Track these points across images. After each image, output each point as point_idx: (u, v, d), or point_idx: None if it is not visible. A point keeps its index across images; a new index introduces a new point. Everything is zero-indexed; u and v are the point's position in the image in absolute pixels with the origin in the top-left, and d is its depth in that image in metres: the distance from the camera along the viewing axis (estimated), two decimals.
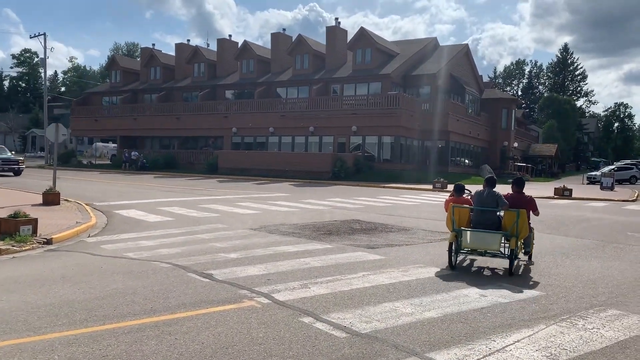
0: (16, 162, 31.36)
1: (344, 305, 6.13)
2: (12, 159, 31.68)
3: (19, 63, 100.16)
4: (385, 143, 36.59)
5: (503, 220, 8.50)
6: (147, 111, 46.94)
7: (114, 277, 7.43)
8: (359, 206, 18.62)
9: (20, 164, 31.51)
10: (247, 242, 10.68)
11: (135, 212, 15.95)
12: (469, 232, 8.40)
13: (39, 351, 4.55)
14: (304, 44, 41.81)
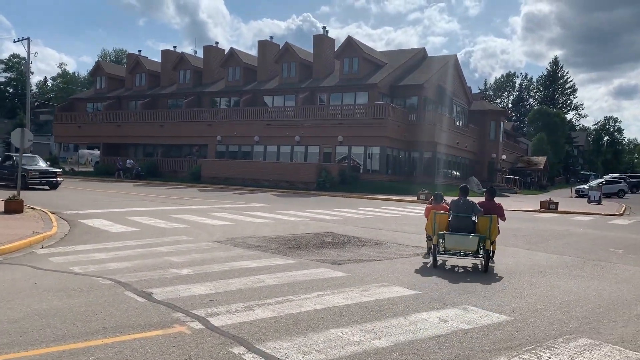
0: (54, 175, 27.45)
1: (285, 331, 5.49)
2: (50, 170, 27.87)
3: (6, 68, 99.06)
4: (371, 153, 36.07)
5: (477, 225, 9.65)
6: (131, 118, 46.22)
7: (43, 296, 6.74)
8: (337, 218, 18.01)
9: (58, 177, 27.57)
10: (207, 256, 10.02)
11: (101, 221, 15.25)
12: (451, 236, 9.52)
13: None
14: (291, 53, 41.35)
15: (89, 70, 56.62)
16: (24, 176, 25.28)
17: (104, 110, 49.23)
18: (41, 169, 27.33)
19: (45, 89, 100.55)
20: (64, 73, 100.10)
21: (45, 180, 26.93)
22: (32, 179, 26.08)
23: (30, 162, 27.89)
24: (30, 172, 26.05)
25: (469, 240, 9.34)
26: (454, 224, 9.74)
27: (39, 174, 26.59)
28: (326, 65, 41.30)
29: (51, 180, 27.20)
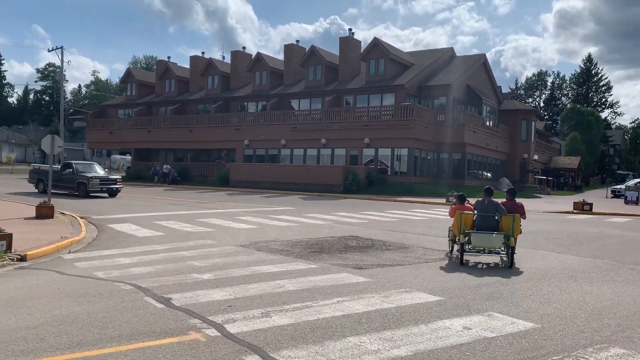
0: (114, 182, 26.59)
1: (302, 339, 5.37)
2: (110, 178, 27.06)
3: (43, 77, 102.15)
4: (399, 155, 35.70)
5: (500, 224, 10.31)
6: (161, 124, 46.91)
7: (63, 302, 6.79)
8: (363, 221, 17.82)
9: (118, 184, 26.68)
10: (229, 260, 9.99)
11: (129, 226, 15.44)
12: (477, 234, 10.14)
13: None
14: (317, 56, 41.33)
15: (121, 78, 57.68)
16: (85, 184, 25.39)
17: (135, 116, 50.11)
18: (101, 176, 26.76)
19: (79, 97, 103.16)
20: (97, 80, 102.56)
21: (105, 187, 26.23)
22: (92, 186, 25.61)
23: (89, 169, 27.55)
24: (91, 180, 25.61)
25: (495, 238, 10.01)
26: (478, 223, 10.40)
27: (99, 181, 25.96)
28: (352, 68, 41.13)
29: (111, 187, 26.43)
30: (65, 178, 26.68)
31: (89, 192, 25.61)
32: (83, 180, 25.80)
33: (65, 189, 26.71)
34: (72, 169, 26.85)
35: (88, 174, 26.24)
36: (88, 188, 25.55)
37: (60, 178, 26.52)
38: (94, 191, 25.87)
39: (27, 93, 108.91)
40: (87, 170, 26.99)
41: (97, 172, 27.49)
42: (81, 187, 25.86)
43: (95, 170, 27.66)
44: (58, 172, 26.36)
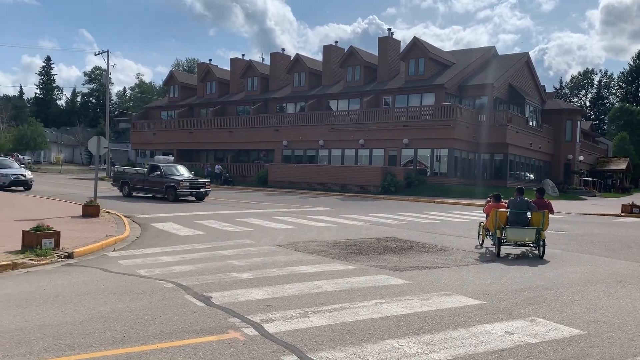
0: (203, 185, 25.21)
1: (339, 340, 5.35)
2: (200, 181, 25.60)
3: (89, 80, 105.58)
4: (438, 156, 35.24)
5: (531, 219, 11.56)
6: (203, 125, 47.77)
7: (108, 298, 6.99)
8: (401, 222, 17.67)
9: (207, 187, 25.36)
10: (267, 260, 10.07)
11: (171, 225, 15.78)
12: (512, 229, 11.39)
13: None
14: (356, 56, 41.25)
15: (164, 80, 59.06)
16: (174, 187, 24.05)
17: (177, 118, 51.21)
18: (191, 179, 25.41)
19: (124, 99, 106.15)
20: (141, 83, 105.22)
21: (195, 191, 24.83)
22: (182, 190, 24.14)
23: (175, 171, 26.07)
24: (181, 184, 24.17)
25: (528, 232, 11.36)
26: (512, 219, 11.59)
27: (189, 184, 24.53)
28: (391, 68, 40.86)
29: (200, 191, 25.07)
30: (152, 181, 25.31)
31: (178, 195, 24.14)
32: (173, 184, 24.29)
33: (151, 192, 25.50)
34: (159, 171, 25.33)
35: (177, 177, 24.91)
36: (178, 192, 24.03)
37: (148, 181, 25.46)
38: (183, 195, 24.39)
39: (74, 96, 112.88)
40: (174, 173, 25.61)
41: (184, 174, 26.16)
42: (170, 190, 24.31)
43: (181, 172, 26.21)
44: (145, 174, 25.70)
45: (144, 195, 25.92)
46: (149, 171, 25.87)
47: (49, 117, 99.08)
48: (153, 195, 25.58)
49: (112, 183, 27.98)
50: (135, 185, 26.06)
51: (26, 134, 61.67)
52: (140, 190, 25.93)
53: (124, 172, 27.78)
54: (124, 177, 26.94)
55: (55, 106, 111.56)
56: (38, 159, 75.48)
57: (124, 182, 26.63)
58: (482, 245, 12.67)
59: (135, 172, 27.10)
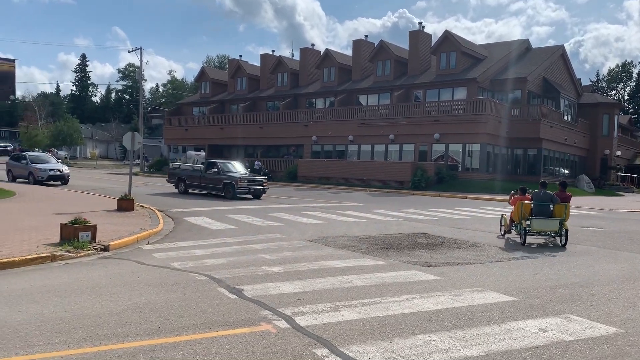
0: (260, 183, 24.30)
1: (370, 335, 5.37)
2: (257, 178, 24.72)
3: (123, 77, 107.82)
4: (470, 151, 34.76)
5: (553, 211, 12.38)
6: (233, 121, 48.24)
7: (143, 290, 7.16)
8: (432, 218, 17.52)
9: (264, 185, 24.42)
10: (298, 254, 10.14)
11: (203, 219, 16.01)
12: (537, 220, 12.23)
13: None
14: (386, 50, 40.97)
15: (195, 76, 59.86)
16: (233, 185, 23.30)
17: (208, 114, 51.81)
18: (249, 176, 24.64)
19: (156, 95, 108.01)
20: (173, 79, 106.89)
21: (253, 189, 23.94)
22: (240, 187, 23.34)
23: (231, 168, 25.00)
24: (240, 181, 23.34)
25: (552, 222, 12.22)
26: (536, 210, 12.39)
27: (247, 182, 23.68)
28: (422, 62, 40.44)
29: (258, 188, 24.12)
30: (209, 178, 24.45)
31: (237, 193, 23.32)
32: (231, 181, 23.50)
33: (208, 190, 24.71)
34: (217, 168, 24.42)
35: (235, 174, 24.09)
36: (236, 189, 23.25)
37: (204, 178, 24.66)
38: (242, 193, 23.52)
39: (109, 92, 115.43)
40: (230, 170, 24.73)
41: (241, 171, 25.29)
42: (228, 188, 23.52)
43: (237, 169, 25.28)
44: (202, 171, 24.97)
45: (200, 192, 25.20)
46: (206, 168, 24.99)
47: (85, 113, 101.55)
48: (208, 193, 24.84)
49: (167, 180, 27.42)
50: (192, 182, 25.20)
51: (63, 130, 63.36)
52: (196, 188, 25.10)
53: (179, 169, 26.95)
54: (180, 174, 26.06)
55: (90, 102, 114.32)
56: (74, 154, 77.56)
57: (179, 179, 25.86)
58: (503, 236, 13.58)
59: (192, 169, 26.23)
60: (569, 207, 12.55)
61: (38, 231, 11.96)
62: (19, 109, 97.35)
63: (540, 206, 12.39)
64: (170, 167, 28.19)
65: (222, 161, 26.05)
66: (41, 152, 41.11)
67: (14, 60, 22.67)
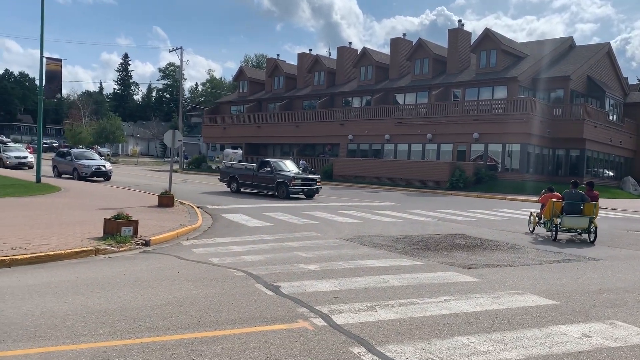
0: (314, 182, 23.81)
1: (408, 335, 5.33)
2: (311, 177, 24.23)
3: (164, 76, 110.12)
4: (510, 151, 34.04)
5: (583, 209, 13.07)
6: (270, 119, 48.64)
7: (183, 284, 7.31)
8: (470, 219, 17.26)
9: (318, 184, 24.01)
10: (334, 253, 10.16)
11: (240, 216, 16.22)
12: (568, 217, 13.02)
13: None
14: (424, 48, 40.54)
15: (233, 76, 60.62)
16: (286, 184, 22.86)
17: (246, 113, 52.40)
18: (303, 175, 24.13)
19: (196, 94, 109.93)
20: (212, 79, 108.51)
21: (306, 188, 23.46)
22: (294, 187, 22.88)
23: (283, 167, 24.56)
24: (293, 180, 22.86)
25: (583, 220, 12.97)
26: (567, 208, 13.15)
27: (301, 181, 23.20)
28: (461, 60, 39.84)
29: (312, 188, 23.70)
30: (262, 177, 24.11)
31: (290, 193, 22.91)
32: (284, 181, 23.08)
33: (260, 189, 24.40)
34: (269, 167, 24.00)
35: (288, 173, 23.63)
36: (290, 189, 22.84)
37: (257, 177, 24.35)
38: (295, 192, 23.13)
39: (150, 91, 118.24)
40: (283, 169, 24.24)
41: (293, 170, 24.81)
42: (282, 187, 23.11)
43: (290, 168, 24.80)
44: (254, 170, 24.72)
45: (253, 191, 25.04)
46: (259, 167, 24.63)
47: (126, 111, 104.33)
48: (260, 192, 24.69)
49: (219, 178, 27.29)
50: (244, 181, 24.97)
51: (106, 127, 65.16)
52: (248, 187, 24.89)
53: (232, 168, 26.75)
54: (233, 173, 25.82)
55: (132, 101, 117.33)
56: (116, 151, 79.75)
57: (232, 178, 25.64)
58: (532, 232, 14.29)
59: (244, 168, 25.95)
60: (597, 205, 13.33)
61: (82, 225, 12.36)
62: (64, 107, 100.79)
63: (571, 204, 13.14)
64: (223, 166, 28.24)
65: (275, 160, 25.71)
66: (85, 149, 42.43)
67: (60, 59, 23.58)
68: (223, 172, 26.86)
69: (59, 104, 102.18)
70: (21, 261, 8.74)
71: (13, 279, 7.56)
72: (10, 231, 11.15)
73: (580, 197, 13.18)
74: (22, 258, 8.80)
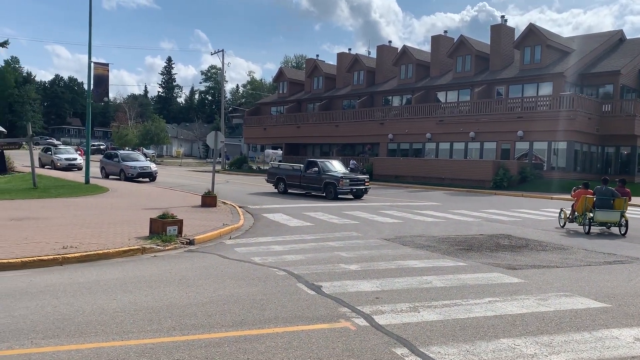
0: (362, 182, 23.59)
1: (451, 336, 5.26)
2: (360, 177, 24.07)
3: (206, 78, 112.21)
4: (556, 149, 33.07)
5: (614, 204, 13.96)
6: (309, 119, 48.85)
7: (227, 283, 7.43)
8: (515, 219, 16.86)
9: (366, 184, 23.74)
10: (375, 253, 10.11)
11: (281, 216, 16.35)
12: (601, 212, 13.90)
13: (112, 358, 4.55)
14: (466, 45, 39.84)
15: (273, 77, 61.18)
16: (334, 185, 22.72)
17: (286, 113, 52.82)
18: (351, 176, 23.91)
19: (236, 96, 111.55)
20: (252, 80, 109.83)
21: (355, 189, 23.24)
22: (342, 187, 22.71)
23: (331, 167, 24.21)
24: (342, 180, 22.67)
25: (614, 214, 13.87)
26: (599, 203, 14.06)
27: (349, 182, 22.99)
28: (504, 56, 38.96)
29: (360, 188, 23.45)
30: (309, 177, 23.95)
31: (338, 193, 22.75)
32: (332, 181, 22.84)
33: (308, 190, 24.23)
34: (317, 167, 23.79)
35: (336, 174, 23.36)
36: (338, 189, 22.65)
37: (304, 177, 24.20)
38: (343, 192, 22.93)
39: (192, 93, 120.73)
40: (330, 169, 23.92)
41: (341, 170, 24.58)
42: (330, 188, 22.88)
43: (337, 168, 24.52)
44: (301, 171, 24.57)
45: (300, 192, 24.87)
46: (306, 167, 24.44)
47: (170, 113, 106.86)
48: (307, 193, 24.52)
49: (266, 179, 27.21)
50: (291, 182, 24.85)
51: (151, 129, 66.85)
52: (296, 187, 24.75)
53: (279, 169, 26.63)
54: (280, 174, 25.73)
55: (175, 103, 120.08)
56: (160, 152, 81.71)
57: (279, 179, 25.53)
58: (563, 227, 15.00)
59: (291, 169, 25.84)
60: (627, 201, 14.39)
61: (129, 225, 12.73)
62: (111, 110, 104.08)
63: (602, 200, 14.08)
64: (270, 167, 28.33)
65: (322, 160, 25.45)
66: (131, 151, 43.68)
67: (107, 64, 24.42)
68: (270, 173, 26.84)
69: (106, 107, 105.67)
70: (72, 259, 9.08)
71: (65, 276, 7.86)
72: (62, 230, 11.60)
73: (610, 193, 14.16)
74: (73, 256, 9.14)
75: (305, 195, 24.35)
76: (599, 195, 14.22)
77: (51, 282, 7.45)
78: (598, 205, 14.04)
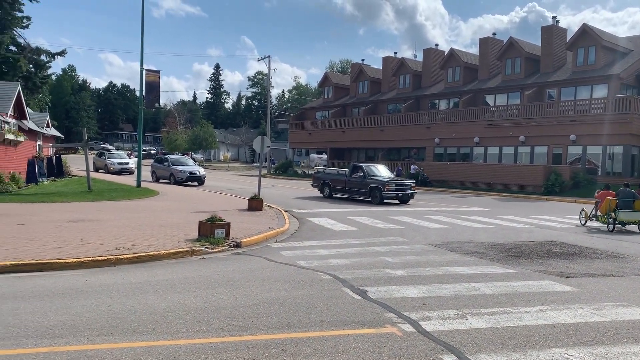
0: (409, 187, 23.45)
1: (501, 345, 5.13)
2: (405, 182, 23.95)
3: (252, 84, 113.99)
4: (611, 154, 31.78)
5: (634, 205, 15.30)
6: (354, 124, 48.77)
7: (273, 286, 7.51)
8: (567, 226, 16.32)
9: (412, 189, 23.60)
10: (421, 259, 9.99)
11: (326, 220, 16.40)
12: (625, 212, 15.23)
13: (162, 357, 4.67)
14: (516, 47, 38.88)
15: (318, 82, 61.59)
16: (380, 189, 22.56)
17: (331, 118, 52.96)
18: (396, 180, 23.74)
19: (282, 101, 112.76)
20: (298, 85, 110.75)
21: (400, 193, 22.99)
22: (388, 192, 22.52)
23: (376, 172, 24.19)
24: (387, 185, 22.53)
25: (636, 214, 15.32)
26: (621, 204, 15.29)
27: (395, 186, 22.84)
28: (556, 58, 37.79)
29: (406, 193, 23.18)
30: (354, 182, 23.84)
31: (383, 197, 22.63)
32: (378, 185, 22.73)
33: (353, 194, 24.14)
34: (362, 172, 23.71)
35: (382, 178, 23.29)
36: (383, 194, 22.50)
37: (349, 182, 24.08)
38: (389, 197, 22.81)
39: (239, 99, 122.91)
40: (376, 174, 23.88)
41: (387, 174, 24.38)
42: (375, 192, 22.78)
43: (382, 173, 24.33)
44: (346, 175, 24.43)
45: (345, 196, 24.77)
46: (351, 172, 24.30)
47: (218, 119, 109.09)
48: (352, 197, 24.47)
49: (312, 184, 27.26)
50: (336, 186, 24.75)
51: (199, 134, 68.45)
52: (341, 192, 24.65)
53: (324, 173, 26.52)
54: (325, 178, 25.64)
55: (223, 109, 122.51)
56: (209, 157, 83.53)
57: (324, 183, 25.47)
58: (584, 225, 16.37)
59: (336, 173, 25.70)
60: None
61: (179, 227, 13.05)
62: (161, 115, 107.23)
63: (624, 201, 15.38)
64: (315, 171, 28.36)
65: (367, 164, 25.42)
66: (181, 155, 44.84)
67: (158, 71, 25.46)
68: (315, 178, 26.82)
69: (157, 113, 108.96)
70: (124, 260, 9.39)
71: (118, 276, 8.14)
72: (115, 232, 12.02)
73: (632, 195, 15.56)
74: (125, 257, 9.45)
75: (350, 199, 24.31)
76: (621, 197, 15.53)
77: (105, 282, 7.73)
78: (621, 207, 15.27)
